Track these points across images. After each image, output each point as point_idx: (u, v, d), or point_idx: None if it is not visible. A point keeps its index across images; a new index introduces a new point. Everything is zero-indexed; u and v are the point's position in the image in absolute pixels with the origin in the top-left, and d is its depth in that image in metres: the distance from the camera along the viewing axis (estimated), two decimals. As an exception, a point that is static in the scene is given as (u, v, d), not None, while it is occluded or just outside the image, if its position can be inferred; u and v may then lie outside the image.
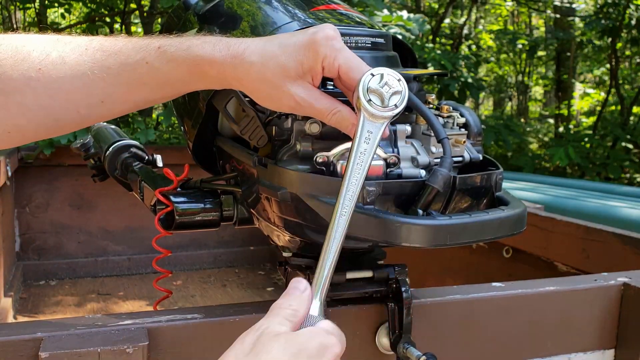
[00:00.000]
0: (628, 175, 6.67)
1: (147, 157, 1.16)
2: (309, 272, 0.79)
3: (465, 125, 0.82)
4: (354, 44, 0.77)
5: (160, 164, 1.13)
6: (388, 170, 0.71)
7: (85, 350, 0.67)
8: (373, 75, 0.64)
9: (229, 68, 0.66)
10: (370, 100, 0.63)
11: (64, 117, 0.71)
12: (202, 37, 0.68)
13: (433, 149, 0.76)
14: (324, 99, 0.67)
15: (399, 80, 0.64)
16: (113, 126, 1.29)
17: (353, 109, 0.67)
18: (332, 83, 0.72)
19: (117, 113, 0.74)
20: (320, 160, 0.71)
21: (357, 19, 0.84)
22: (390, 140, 0.75)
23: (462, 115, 0.82)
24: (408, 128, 0.77)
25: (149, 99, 0.72)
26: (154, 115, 5.86)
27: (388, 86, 0.64)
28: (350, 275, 0.81)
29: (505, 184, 0.81)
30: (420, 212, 0.69)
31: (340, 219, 0.62)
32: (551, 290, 0.92)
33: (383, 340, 0.83)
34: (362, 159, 0.63)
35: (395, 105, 0.64)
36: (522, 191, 3.30)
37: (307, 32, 0.66)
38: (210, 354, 0.76)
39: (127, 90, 0.70)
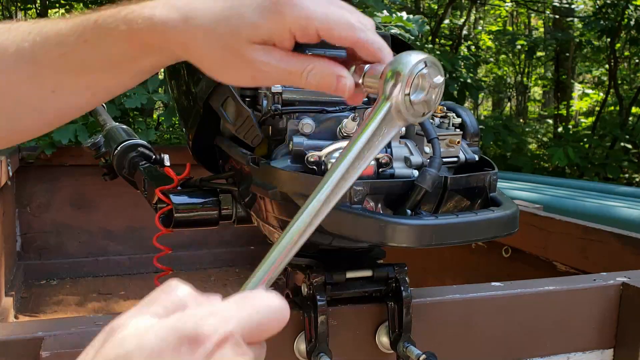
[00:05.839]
0: (627, 175, 6.67)
1: (154, 157, 1.17)
2: (309, 272, 0.79)
3: (461, 126, 0.82)
4: None
5: (167, 163, 1.14)
6: (380, 170, 0.71)
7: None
8: (426, 64, 0.51)
9: (172, 33, 0.55)
10: (408, 94, 0.50)
11: (19, 114, 0.65)
12: (145, 2, 0.58)
13: (427, 150, 0.76)
14: (292, 58, 0.55)
15: (442, 76, 0.52)
16: (124, 126, 1.30)
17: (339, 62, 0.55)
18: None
19: (76, 105, 0.66)
20: (312, 159, 0.70)
21: None
22: None
23: (458, 116, 0.82)
24: (402, 128, 0.77)
25: (105, 84, 0.64)
26: (154, 116, 5.86)
27: (431, 83, 0.51)
28: (349, 274, 0.81)
29: (505, 184, 0.81)
30: (409, 212, 0.69)
31: (315, 219, 0.50)
32: (550, 290, 0.93)
33: (383, 339, 0.83)
34: (365, 156, 0.50)
35: (424, 113, 0.52)
36: (521, 191, 3.30)
37: None
38: (211, 352, 0.77)
39: (75, 76, 0.63)
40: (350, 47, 0.55)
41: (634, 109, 7.75)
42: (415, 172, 0.74)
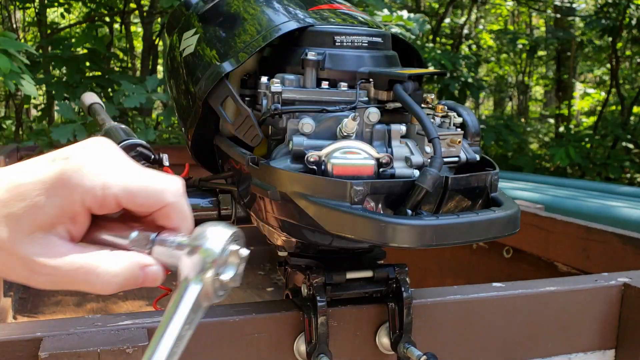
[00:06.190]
0: (628, 175, 6.67)
1: (153, 156, 1.16)
2: (308, 273, 0.78)
3: (462, 126, 0.81)
4: (350, 43, 0.77)
5: (166, 162, 1.14)
6: (381, 170, 0.71)
7: (84, 350, 0.67)
8: (235, 239, 0.45)
9: None
10: (219, 275, 0.44)
11: None
12: None
13: (427, 149, 0.75)
14: (80, 253, 0.45)
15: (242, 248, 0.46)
16: (123, 126, 1.29)
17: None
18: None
19: None
20: (312, 159, 0.70)
21: (361, 19, 0.84)
22: (384, 140, 0.75)
23: (459, 115, 0.81)
24: (403, 128, 0.76)
25: None
26: (153, 115, 5.86)
27: (239, 257, 0.46)
28: (350, 275, 0.80)
29: (506, 184, 0.81)
30: (410, 212, 0.68)
31: None
32: (551, 290, 0.92)
33: (383, 340, 0.83)
34: (177, 352, 0.43)
35: (232, 286, 0.46)
36: (523, 191, 3.30)
37: (57, 160, 0.45)
38: (210, 354, 0.76)
39: None
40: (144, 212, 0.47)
41: (635, 109, 7.75)
42: (416, 172, 0.73)
